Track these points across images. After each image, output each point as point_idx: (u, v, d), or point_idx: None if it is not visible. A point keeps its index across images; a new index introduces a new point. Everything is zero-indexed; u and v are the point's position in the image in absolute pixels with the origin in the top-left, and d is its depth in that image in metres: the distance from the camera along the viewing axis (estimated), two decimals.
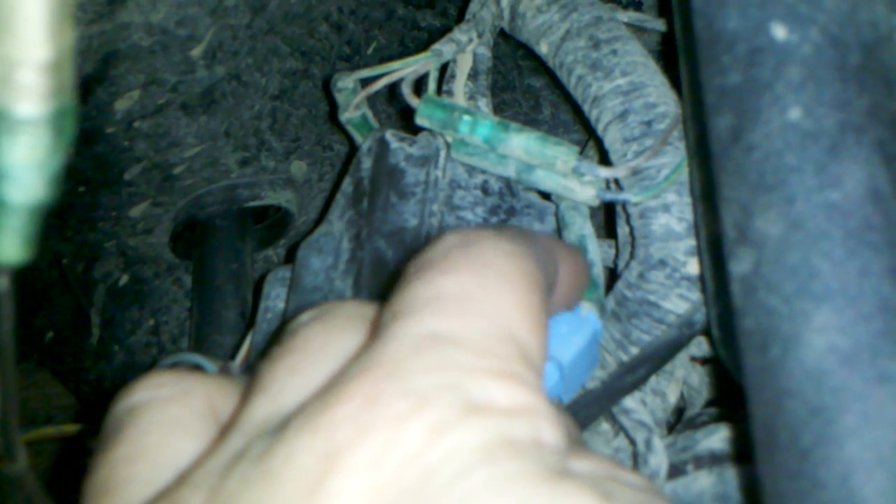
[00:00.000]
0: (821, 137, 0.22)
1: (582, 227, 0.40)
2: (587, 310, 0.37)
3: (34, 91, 0.11)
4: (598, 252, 0.40)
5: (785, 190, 0.22)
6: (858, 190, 0.22)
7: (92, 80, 0.44)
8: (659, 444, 0.33)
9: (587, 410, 0.34)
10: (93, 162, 0.49)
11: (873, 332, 0.21)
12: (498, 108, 0.56)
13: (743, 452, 0.32)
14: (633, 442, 0.34)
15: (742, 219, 0.23)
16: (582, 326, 0.35)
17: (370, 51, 0.57)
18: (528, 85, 0.57)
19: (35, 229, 0.13)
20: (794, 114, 0.22)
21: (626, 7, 0.52)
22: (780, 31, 0.23)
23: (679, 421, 0.39)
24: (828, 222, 0.22)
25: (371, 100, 0.46)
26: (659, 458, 0.33)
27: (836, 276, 0.22)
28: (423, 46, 0.57)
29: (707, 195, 0.30)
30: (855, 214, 0.22)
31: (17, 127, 0.12)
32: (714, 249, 0.30)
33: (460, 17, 0.46)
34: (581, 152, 0.48)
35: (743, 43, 0.23)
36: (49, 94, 0.12)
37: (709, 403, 0.40)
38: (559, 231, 0.42)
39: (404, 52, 0.58)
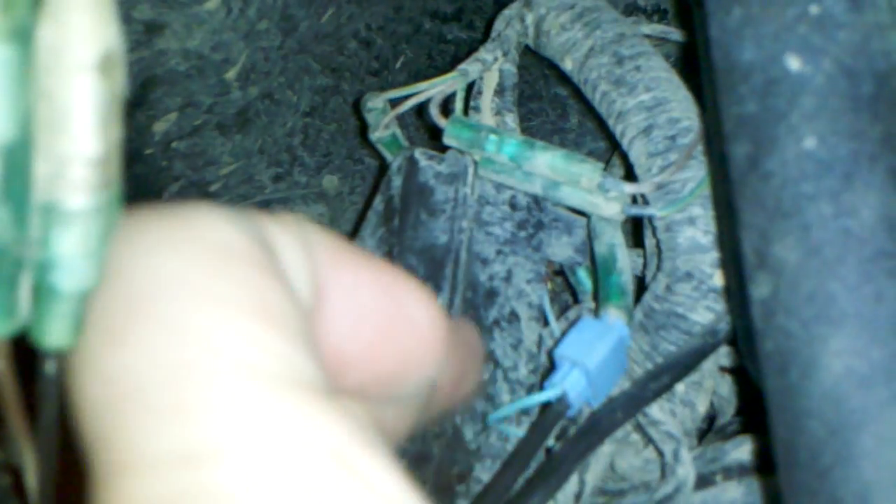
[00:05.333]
0: (835, 166, 0.23)
1: (612, 237, 0.41)
2: (614, 317, 0.38)
3: (84, 185, 0.12)
4: (627, 260, 0.40)
5: (801, 217, 0.23)
6: (873, 217, 0.22)
7: (131, 104, 0.45)
8: (686, 455, 0.34)
9: (613, 417, 0.35)
10: (133, 182, 0.50)
11: (888, 356, 0.22)
12: (525, 118, 0.57)
13: (771, 464, 0.33)
14: (661, 453, 0.35)
15: (761, 244, 0.24)
16: (608, 333, 0.36)
17: (398, 65, 0.58)
18: (555, 94, 0.58)
19: (84, 314, 0.13)
20: (809, 143, 0.23)
21: (650, 16, 0.52)
22: (794, 63, 0.23)
23: (710, 429, 0.40)
24: (843, 249, 0.23)
25: (400, 114, 0.47)
26: (686, 469, 0.33)
27: (851, 301, 0.22)
28: (451, 59, 0.58)
29: (727, 218, 0.31)
30: (869, 241, 0.22)
31: (68, 219, 0.12)
32: (735, 268, 0.31)
33: (487, 29, 0.47)
34: (608, 161, 0.49)
35: (759, 74, 0.24)
36: (98, 186, 0.12)
37: (739, 412, 0.40)
38: (589, 241, 0.42)
39: (432, 64, 0.59)
